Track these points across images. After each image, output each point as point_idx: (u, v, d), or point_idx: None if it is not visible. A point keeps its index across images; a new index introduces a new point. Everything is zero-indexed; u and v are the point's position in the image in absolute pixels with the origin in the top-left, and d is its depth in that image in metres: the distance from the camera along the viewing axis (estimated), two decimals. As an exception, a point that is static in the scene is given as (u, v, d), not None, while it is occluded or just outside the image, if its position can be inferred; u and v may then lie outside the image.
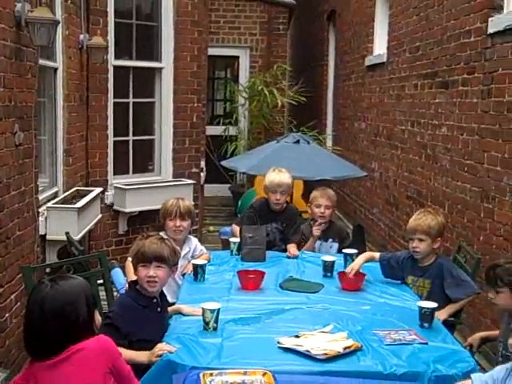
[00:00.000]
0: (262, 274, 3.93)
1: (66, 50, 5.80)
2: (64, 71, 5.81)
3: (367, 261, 4.17)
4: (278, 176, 4.89)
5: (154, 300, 3.29)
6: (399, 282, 4.11)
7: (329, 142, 10.39)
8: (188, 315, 3.36)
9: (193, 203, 6.94)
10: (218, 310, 3.15)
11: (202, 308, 3.16)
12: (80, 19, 6.17)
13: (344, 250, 4.48)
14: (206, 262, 4.19)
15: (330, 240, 5.08)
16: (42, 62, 5.20)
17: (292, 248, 4.78)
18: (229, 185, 10.48)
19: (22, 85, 4.51)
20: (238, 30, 10.86)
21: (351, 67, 9.92)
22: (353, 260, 4.31)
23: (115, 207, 6.78)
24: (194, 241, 4.52)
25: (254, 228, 4.66)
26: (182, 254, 4.17)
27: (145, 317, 3.19)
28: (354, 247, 4.64)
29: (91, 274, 3.70)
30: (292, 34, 12.40)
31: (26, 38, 4.47)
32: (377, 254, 4.31)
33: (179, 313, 3.41)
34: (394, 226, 7.37)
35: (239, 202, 8.81)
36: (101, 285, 3.80)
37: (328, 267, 4.23)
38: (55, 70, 5.74)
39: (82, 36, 6.17)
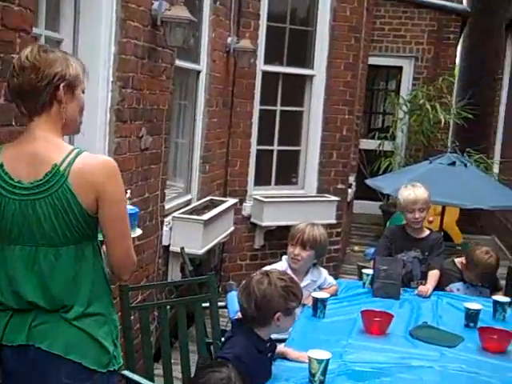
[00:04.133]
0: (390, 316, 3.40)
1: (212, 53, 5.57)
2: (207, 74, 5.57)
3: None
4: (413, 191, 4.37)
5: (268, 344, 2.86)
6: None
7: (496, 168, 9.45)
8: (294, 360, 2.91)
9: (334, 222, 6.57)
10: (327, 361, 2.66)
11: (309, 357, 2.69)
12: (229, 21, 5.92)
13: (494, 297, 3.84)
14: (328, 295, 3.72)
15: (480, 284, 4.42)
16: (183, 63, 5.02)
17: (430, 282, 4.19)
18: (380, 203, 9.86)
19: (154, 87, 4.29)
20: (404, 39, 10.21)
21: (529, 83, 8.97)
22: (504, 310, 3.68)
23: (252, 220, 6.49)
24: (323, 272, 4.05)
25: (390, 260, 4.15)
26: (302, 285, 3.71)
27: (260, 363, 2.76)
28: (508, 294, 4.03)
29: (196, 299, 3.35)
30: (463, 45, 11.53)
31: (162, 38, 4.25)
32: None
33: (284, 357, 2.96)
34: None
35: (388, 224, 8.21)
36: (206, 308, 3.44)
37: (472, 316, 3.58)
38: (198, 72, 5.52)
39: (229, 39, 5.92)
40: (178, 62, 4.78)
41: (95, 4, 3.68)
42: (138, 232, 2.85)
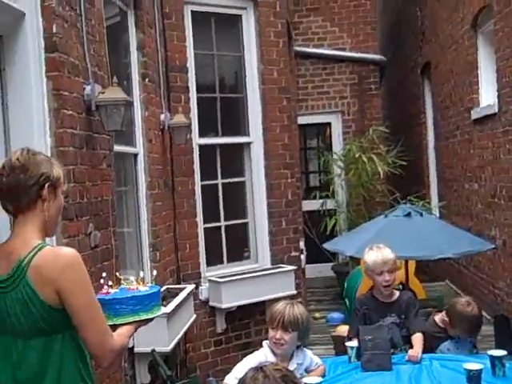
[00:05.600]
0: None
1: (147, 133, 5.26)
2: (145, 156, 5.25)
3: None
4: (380, 253, 4.17)
5: None
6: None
7: (436, 212, 9.42)
8: None
9: (294, 292, 6.26)
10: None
11: None
12: (160, 98, 5.66)
13: (490, 352, 3.60)
14: (320, 379, 3.42)
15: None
16: (119, 148, 4.66)
17: (416, 345, 3.92)
18: (331, 264, 9.61)
19: (95, 177, 3.92)
20: (328, 95, 10.18)
21: (454, 123, 9.03)
22: (503, 365, 3.47)
23: (211, 303, 6.09)
24: (308, 353, 3.73)
25: (373, 328, 3.90)
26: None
27: None
28: (499, 345, 3.77)
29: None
30: (384, 93, 11.67)
31: (98, 123, 3.91)
32: None
33: None
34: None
35: (345, 284, 7.96)
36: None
37: (474, 377, 3.34)
38: (135, 155, 5.18)
39: (162, 115, 5.63)
40: (115, 147, 4.44)
41: (24, 97, 3.36)
42: (163, 309, 2.73)
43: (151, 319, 2.51)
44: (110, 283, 2.54)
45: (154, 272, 3.44)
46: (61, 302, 2.17)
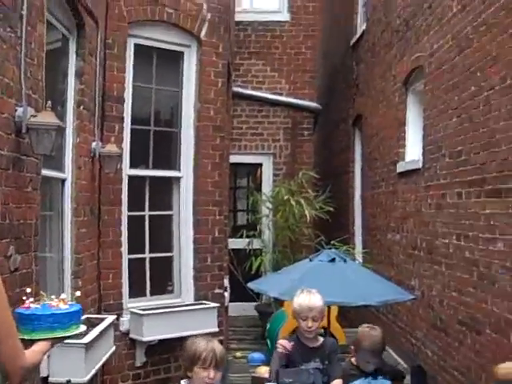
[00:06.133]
0: None
1: (77, 159, 5.24)
2: (73, 182, 5.22)
3: None
4: (308, 298, 4.22)
5: None
6: None
7: (360, 257, 9.60)
8: None
9: (217, 330, 6.26)
10: None
11: None
12: (93, 126, 5.65)
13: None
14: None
15: (381, 377, 4.28)
16: (47, 172, 4.62)
17: None
18: (255, 303, 9.63)
19: (20, 199, 3.87)
20: (261, 136, 10.38)
21: (380, 174, 9.31)
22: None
23: (131, 335, 6.02)
24: None
25: (293, 371, 3.95)
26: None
27: None
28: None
29: None
30: (316, 140, 11.92)
31: (27, 146, 3.88)
32: None
33: None
34: (445, 355, 6.47)
35: (268, 325, 7.98)
36: None
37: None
38: (63, 181, 5.15)
39: (94, 144, 5.62)
40: (43, 171, 4.40)
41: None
42: (83, 328, 2.70)
43: (68, 337, 2.55)
44: (32, 299, 2.59)
45: (77, 293, 3.40)
46: None
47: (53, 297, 2.66)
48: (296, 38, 10.55)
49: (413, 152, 7.94)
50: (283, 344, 4.06)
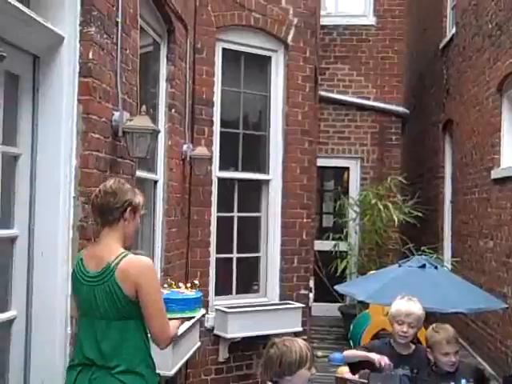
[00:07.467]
0: None
1: (168, 162, 5.40)
2: (165, 184, 5.38)
3: None
4: (408, 304, 4.15)
5: None
6: None
7: (449, 266, 9.39)
8: None
9: (300, 329, 6.30)
10: None
11: None
12: (184, 129, 5.80)
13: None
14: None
15: (464, 381, 4.16)
16: (140, 173, 4.78)
17: None
18: (338, 304, 9.63)
19: (116, 200, 4.03)
20: (348, 140, 10.34)
21: (473, 180, 9.08)
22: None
23: (216, 332, 6.16)
24: None
25: (384, 377, 3.87)
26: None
27: None
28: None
29: None
30: (404, 144, 11.75)
31: (123, 149, 4.04)
32: None
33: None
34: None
35: (351, 327, 7.95)
36: None
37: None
38: (155, 182, 5.31)
39: (185, 146, 5.77)
40: (137, 173, 4.57)
41: (54, 118, 3.49)
42: (203, 311, 3.53)
43: (193, 317, 3.30)
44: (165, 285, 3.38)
45: (196, 281, 3.71)
46: (137, 296, 2.84)
47: (180, 284, 3.38)
48: (382, 42, 10.45)
49: (508, 158, 7.75)
50: (381, 362, 3.97)
